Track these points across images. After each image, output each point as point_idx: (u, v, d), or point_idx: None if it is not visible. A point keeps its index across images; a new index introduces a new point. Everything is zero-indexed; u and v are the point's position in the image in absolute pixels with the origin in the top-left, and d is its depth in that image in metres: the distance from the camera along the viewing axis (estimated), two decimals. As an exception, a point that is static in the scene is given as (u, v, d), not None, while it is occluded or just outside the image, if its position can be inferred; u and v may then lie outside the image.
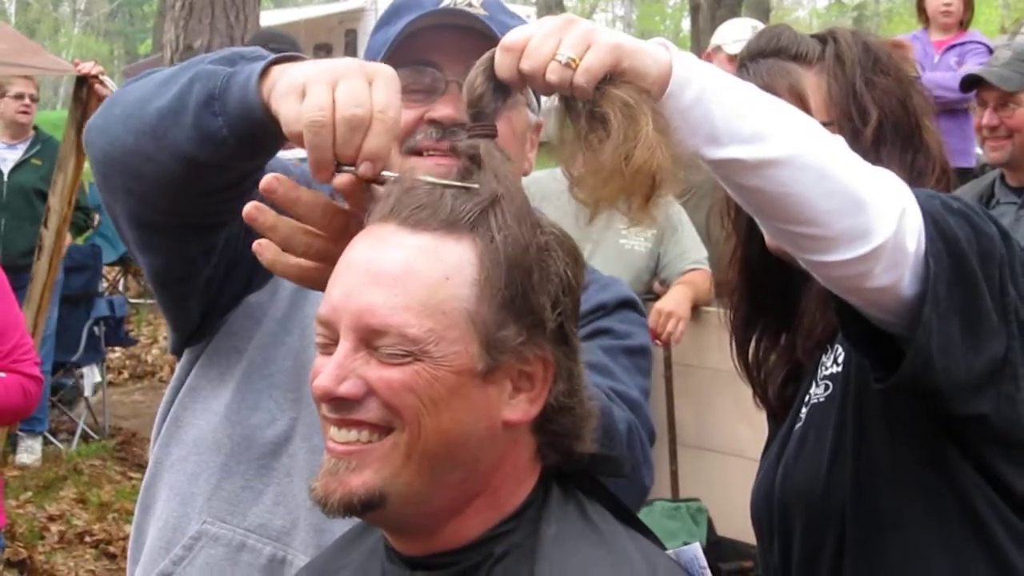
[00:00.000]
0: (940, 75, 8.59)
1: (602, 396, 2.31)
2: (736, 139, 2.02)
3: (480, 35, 2.03)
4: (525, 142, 2.58)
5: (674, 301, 6.53)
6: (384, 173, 1.97)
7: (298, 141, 1.96)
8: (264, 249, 2.09)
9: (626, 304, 2.63)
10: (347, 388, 1.87)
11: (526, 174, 2.63)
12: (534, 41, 1.95)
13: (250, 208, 2.06)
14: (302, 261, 2.08)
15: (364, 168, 1.94)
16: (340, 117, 1.92)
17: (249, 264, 2.52)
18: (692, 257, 6.80)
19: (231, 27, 11.44)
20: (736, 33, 8.06)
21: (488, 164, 1.95)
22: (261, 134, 2.12)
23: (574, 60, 1.92)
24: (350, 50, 28.84)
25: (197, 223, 2.40)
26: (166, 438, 2.63)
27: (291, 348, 2.52)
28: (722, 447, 6.73)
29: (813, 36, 2.69)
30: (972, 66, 7.89)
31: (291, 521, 2.48)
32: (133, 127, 2.25)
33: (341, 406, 1.89)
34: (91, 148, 2.35)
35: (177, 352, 2.69)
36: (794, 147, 2.04)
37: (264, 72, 2.10)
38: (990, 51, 8.52)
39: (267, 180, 2.04)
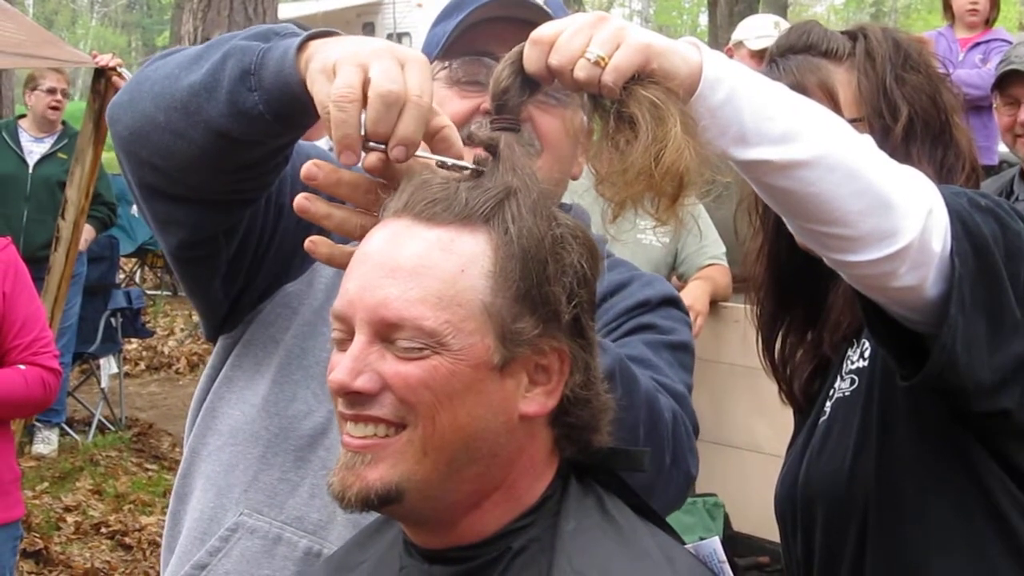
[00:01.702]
0: (965, 72, 8.57)
1: (649, 383, 2.32)
2: (765, 140, 2.01)
3: None
4: (577, 145, 2.56)
5: (692, 296, 6.51)
6: (418, 154, 1.96)
7: (325, 119, 1.95)
8: (317, 245, 2.08)
9: (669, 301, 2.62)
10: (363, 383, 1.86)
11: (575, 178, 2.62)
12: (564, 36, 1.94)
13: (300, 200, 2.05)
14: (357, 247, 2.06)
15: (397, 152, 1.92)
16: (375, 93, 1.90)
17: (283, 254, 2.53)
18: (710, 252, 6.79)
19: (249, 19, 11.48)
20: (759, 29, 8.06)
21: (506, 156, 1.94)
22: (297, 109, 2.11)
23: (603, 58, 1.91)
24: (367, 44, 28.82)
25: (223, 199, 2.38)
26: (201, 427, 2.62)
27: (329, 339, 2.49)
28: (739, 442, 6.72)
29: (843, 32, 2.69)
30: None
31: (328, 515, 2.47)
32: (163, 103, 2.23)
33: (355, 401, 1.88)
34: (116, 125, 2.34)
35: (211, 338, 2.68)
36: (823, 148, 2.04)
37: (301, 48, 2.08)
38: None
39: (307, 168, 2.02)
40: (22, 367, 5.18)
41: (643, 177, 1.88)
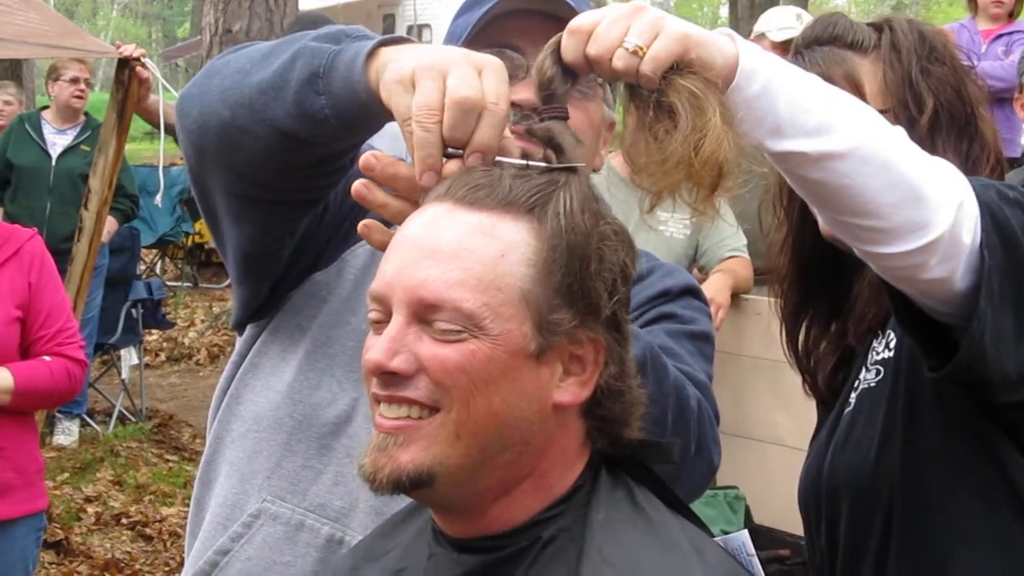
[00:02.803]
0: (989, 64, 8.56)
1: (675, 371, 2.32)
2: (800, 132, 2.02)
3: (563, 22, 2.03)
4: (599, 137, 2.56)
5: (714, 289, 6.49)
6: (498, 159, 1.95)
7: (405, 134, 1.95)
8: (372, 231, 2.08)
9: (690, 291, 2.63)
10: (399, 363, 1.86)
11: (596, 170, 2.63)
12: (602, 26, 1.94)
13: (359, 186, 2.05)
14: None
15: (473, 160, 1.92)
16: (451, 100, 1.90)
17: (319, 242, 2.54)
18: (731, 245, 6.77)
19: (270, 11, 11.46)
20: (781, 21, 8.04)
21: (568, 150, 1.95)
22: (363, 115, 2.11)
23: (641, 48, 1.91)
24: (387, 36, 28.82)
25: (291, 199, 2.40)
26: (226, 414, 2.63)
27: (355, 328, 2.50)
28: (760, 435, 6.70)
29: (869, 24, 2.69)
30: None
31: (350, 502, 2.47)
32: (230, 99, 2.24)
33: (390, 382, 1.88)
34: (185, 118, 2.34)
35: (239, 327, 2.69)
36: (857, 140, 2.04)
37: (371, 53, 2.08)
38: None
39: (365, 158, 2.02)
40: (47, 358, 5.19)
41: (682, 167, 1.88)
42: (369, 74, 2.06)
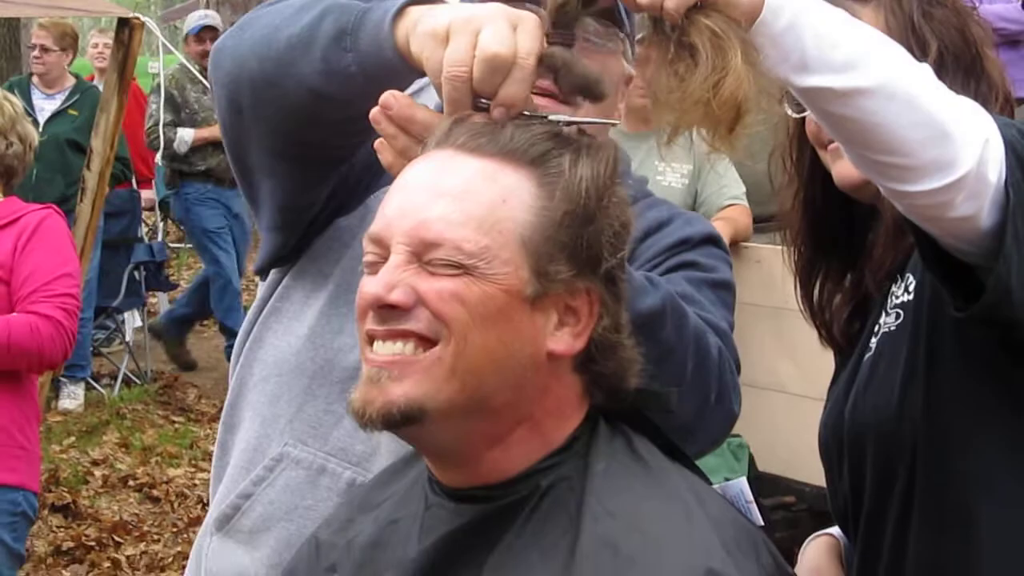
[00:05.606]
0: (1001, 7, 8.56)
1: (696, 318, 2.33)
2: (826, 67, 2.01)
3: None
4: (616, 92, 2.55)
5: (712, 234, 6.47)
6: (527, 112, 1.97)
7: (437, 88, 1.98)
8: (384, 150, 2.10)
9: (710, 239, 2.63)
10: (397, 296, 1.88)
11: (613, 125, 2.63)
12: None
13: (375, 112, 2.07)
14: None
15: (497, 114, 1.94)
16: (481, 56, 1.92)
17: (346, 190, 2.55)
18: (730, 193, 6.76)
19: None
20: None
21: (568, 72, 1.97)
22: (390, 74, 2.13)
23: None
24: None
25: (322, 155, 2.43)
26: (248, 357, 2.65)
27: None
28: (763, 383, 6.69)
29: None
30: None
31: (372, 447, 2.49)
32: (260, 52, 2.27)
33: (389, 316, 1.90)
34: (218, 71, 2.38)
35: (262, 272, 2.70)
36: (884, 76, 2.04)
37: (400, 12, 2.10)
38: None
39: (384, 97, 2.05)
40: (14, 315, 5.03)
41: (701, 106, 1.89)
42: (397, 32, 2.08)
